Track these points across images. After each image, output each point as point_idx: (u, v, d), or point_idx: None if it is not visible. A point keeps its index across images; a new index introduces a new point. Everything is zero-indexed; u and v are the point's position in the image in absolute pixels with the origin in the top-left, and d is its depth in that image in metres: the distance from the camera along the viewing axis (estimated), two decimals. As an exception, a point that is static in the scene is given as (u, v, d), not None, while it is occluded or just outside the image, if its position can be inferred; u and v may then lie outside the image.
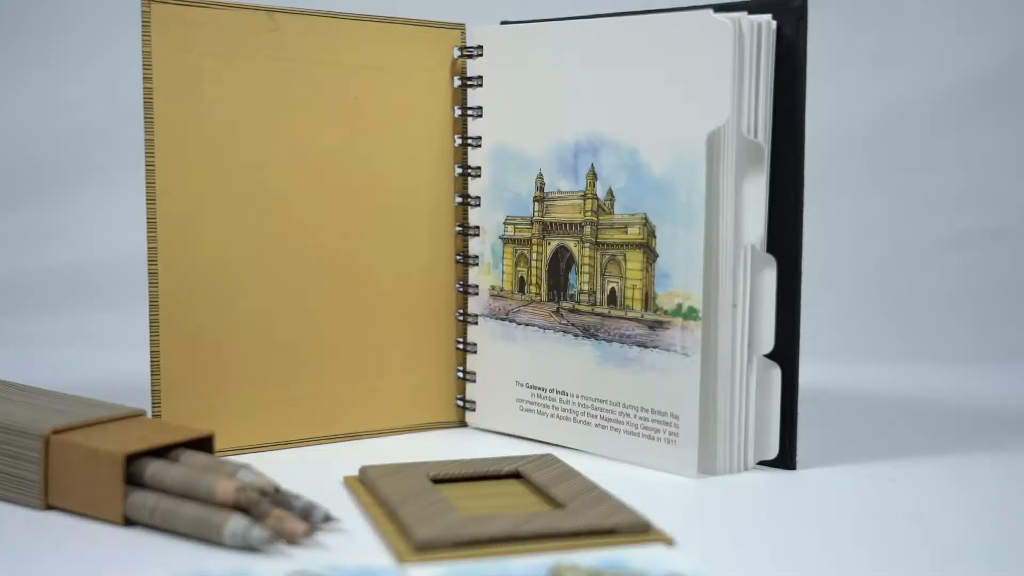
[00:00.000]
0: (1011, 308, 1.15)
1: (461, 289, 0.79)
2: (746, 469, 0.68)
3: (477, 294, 0.78)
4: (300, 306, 0.73)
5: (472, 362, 0.79)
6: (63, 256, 1.17)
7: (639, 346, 0.69)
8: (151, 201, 0.68)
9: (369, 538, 0.56)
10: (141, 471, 0.58)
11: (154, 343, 0.69)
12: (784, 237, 0.67)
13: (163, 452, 0.60)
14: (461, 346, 0.79)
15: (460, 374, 0.79)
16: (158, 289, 0.69)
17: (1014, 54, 1.21)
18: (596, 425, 0.72)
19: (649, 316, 0.69)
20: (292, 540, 0.54)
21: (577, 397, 0.73)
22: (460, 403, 0.79)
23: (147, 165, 0.68)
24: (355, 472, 0.66)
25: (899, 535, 0.58)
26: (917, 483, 0.67)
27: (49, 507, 0.59)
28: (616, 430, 0.71)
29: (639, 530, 0.56)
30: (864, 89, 1.23)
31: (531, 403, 0.75)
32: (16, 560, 0.53)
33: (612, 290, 0.71)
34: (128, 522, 0.57)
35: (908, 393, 0.93)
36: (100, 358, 1.00)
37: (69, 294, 1.15)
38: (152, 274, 0.69)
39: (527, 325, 0.75)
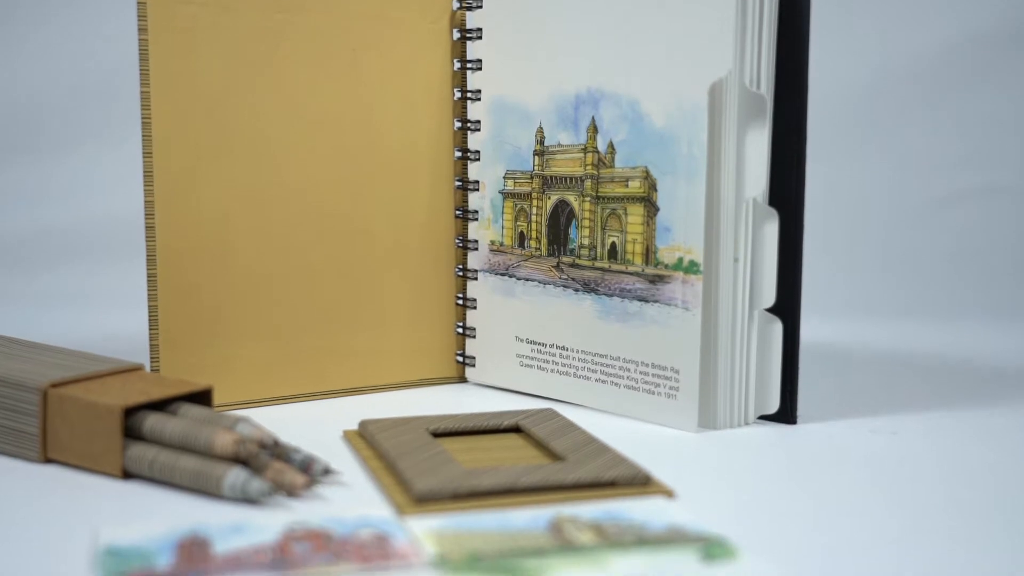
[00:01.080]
0: (1012, 265, 1.14)
1: (460, 244, 0.78)
2: (747, 423, 0.68)
3: (476, 249, 0.78)
4: (298, 261, 0.73)
5: (472, 318, 0.78)
6: (60, 214, 1.17)
7: (640, 300, 0.69)
8: (147, 155, 0.68)
9: (369, 491, 0.56)
10: (139, 424, 0.57)
11: (152, 298, 0.68)
12: (786, 191, 0.67)
13: (162, 406, 0.60)
14: (460, 302, 0.79)
15: (460, 330, 0.79)
16: (155, 243, 0.68)
17: (1016, 13, 1.20)
18: (596, 380, 0.72)
19: (650, 270, 0.68)
20: (291, 492, 0.54)
21: (577, 352, 0.73)
22: (460, 359, 0.79)
23: (143, 119, 0.68)
24: (354, 426, 0.66)
25: (900, 488, 0.57)
26: (919, 437, 0.67)
27: (48, 460, 0.59)
28: (616, 385, 0.71)
29: (639, 482, 0.56)
30: (868, 44, 1.22)
31: (531, 358, 0.75)
32: (15, 513, 0.52)
33: (612, 244, 0.71)
34: (127, 475, 0.57)
35: (910, 349, 0.93)
36: (98, 316, 1.00)
37: (66, 252, 1.14)
38: (149, 228, 0.68)
39: (527, 280, 0.75)
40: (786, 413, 0.68)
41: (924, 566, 0.47)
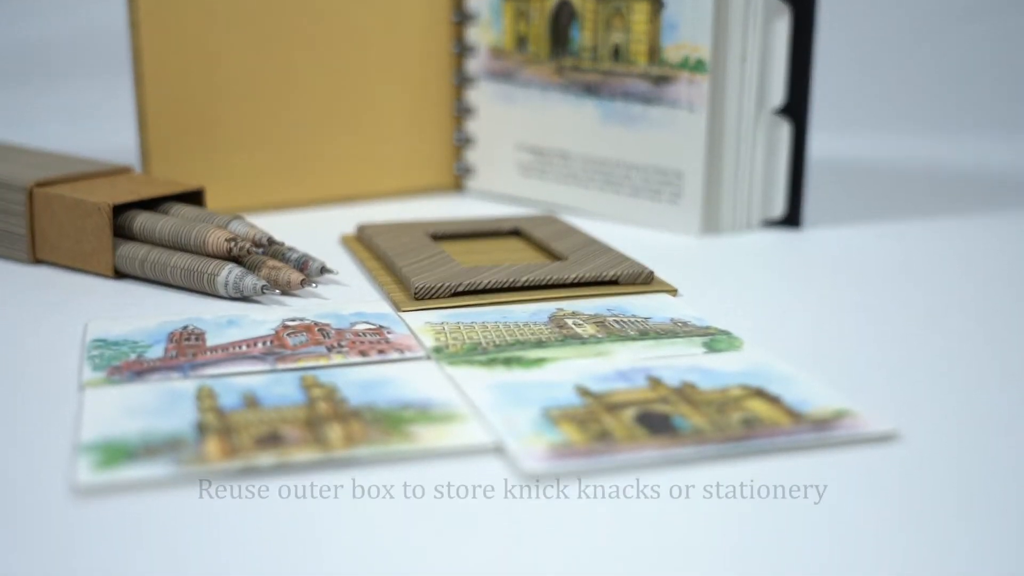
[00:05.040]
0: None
1: (458, 51, 0.76)
2: (751, 228, 0.67)
3: (475, 55, 0.75)
4: (291, 66, 0.70)
5: (471, 125, 0.76)
6: (42, 28, 1.13)
7: (643, 103, 0.67)
8: (129, -52, 0.65)
9: (366, 289, 0.55)
10: (129, 223, 0.56)
11: (140, 100, 0.66)
12: (798, -15, 0.64)
13: (153, 207, 0.58)
14: (459, 109, 0.76)
15: (458, 138, 0.77)
16: (141, 43, 0.66)
17: None
18: (598, 186, 0.70)
19: (654, 70, 0.66)
20: (287, 290, 0.53)
21: (578, 158, 0.71)
22: (459, 167, 0.77)
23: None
24: (351, 232, 0.65)
25: (906, 286, 0.56)
26: (926, 242, 0.65)
27: (38, 261, 0.58)
28: (618, 191, 0.69)
29: (643, 280, 0.54)
30: None
31: (531, 166, 0.73)
32: (5, 314, 0.51)
33: (616, 45, 0.68)
34: (118, 274, 0.55)
35: (921, 161, 0.91)
36: (86, 130, 0.97)
37: (51, 66, 1.11)
38: (134, 27, 0.65)
39: (527, 85, 0.72)
40: (792, 217, 0.67)
41: (930, 357, 0.46)
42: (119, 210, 0.56)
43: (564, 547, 0.30)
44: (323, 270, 0.55)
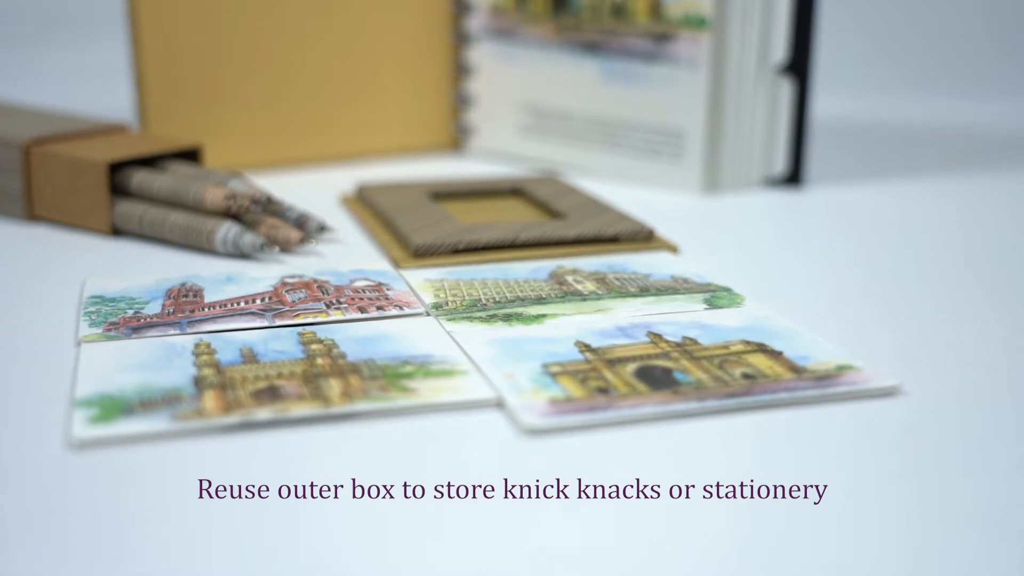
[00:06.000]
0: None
1: (457, 9, 0.75)
2: (752, 186, 0.66)
3: (475, 13, 0.74)
4: (290, 23, 0.69)
5: (471, 85, 0.75)
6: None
7: (644, 61, 0.66)
8: (125, -97, 0.64)
9: (366, 247, 0.54)
10: (127, 181, 0.55)
11: (137, 57, 0.65)
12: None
13: (150, 164, 0.58)
14: (459, 69, 0.76)
15: (458, 97, 0.76)
16: (138, 1, 0.65)
17: None
18: (599, 145, 0.70)
19: (655, 28, 0.65)
20: (286, 248, 0.53)
21: (579, 117, 0.70)
22: (459, 127, 0.77)
23: None
24: (351, 192, 0.64)
25: (908, 245, 0.56)
26: (925, 200, 0.65)
27: (34, 219, 0.58)
28: (619, 150, 0.69)
29: (643, 237, 0.54)
30: None
31: (532, 125, 0.73)
32: (2, 271, 0.51)
33: (616, 3, 0.67)
34: (116, 232, 0.55)
35: (923, 121, 0.90)
36: (83, 88, 0.97)
37: (48, 24, 1.10)
38: (130, -16, 0.65)
39: (528, 44, 0.72)
40: (793, 175, 0.66)
41: (932, 313, 0.46)
42: (116, 168, 0.56)
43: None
44: (322, 228, 0.55)
